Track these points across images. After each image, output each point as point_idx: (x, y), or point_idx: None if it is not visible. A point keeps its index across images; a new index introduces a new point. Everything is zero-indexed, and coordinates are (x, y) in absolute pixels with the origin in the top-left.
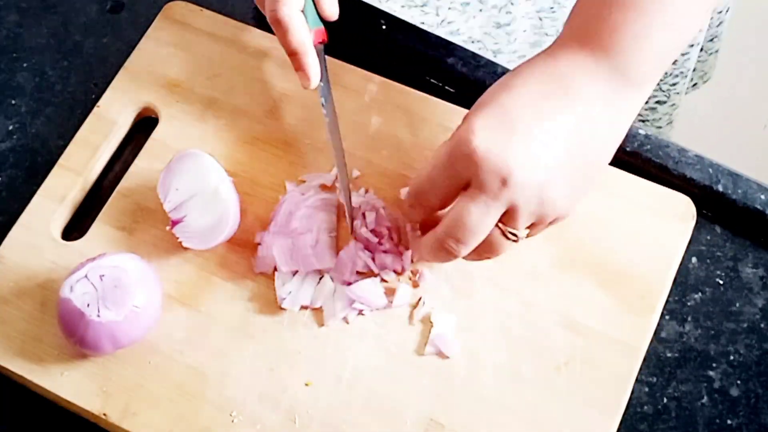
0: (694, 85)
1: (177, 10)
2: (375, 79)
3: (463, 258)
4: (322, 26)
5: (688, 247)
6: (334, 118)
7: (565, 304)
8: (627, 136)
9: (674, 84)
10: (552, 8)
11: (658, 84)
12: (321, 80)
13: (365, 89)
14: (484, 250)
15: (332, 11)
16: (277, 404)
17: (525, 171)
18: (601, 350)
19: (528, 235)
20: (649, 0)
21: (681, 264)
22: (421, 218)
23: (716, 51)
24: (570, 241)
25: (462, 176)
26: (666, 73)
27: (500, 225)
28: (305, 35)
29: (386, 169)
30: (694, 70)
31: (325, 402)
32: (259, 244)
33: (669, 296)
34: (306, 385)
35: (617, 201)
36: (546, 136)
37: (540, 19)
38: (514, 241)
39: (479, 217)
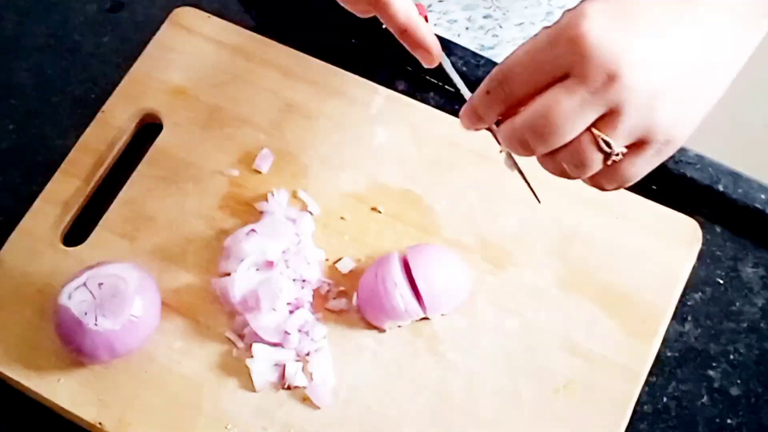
0: None
1: (184, 16)
2: (381, 92)
3: (545, 168)
4: (420, 1)
5: None
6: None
7: (566, 326)
8: None
9: None
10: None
11: None
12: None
13: (371, 101)
14: (568, 158)
15: None
16: (272, 419)
17: (638, 72)
18: (601, 374)
19: (623, 159)
20: None
21: None
22: (496, 113)
23: None
24: (573, 262)
25: (561, 63)
26: None
27: (594, 130)
28: (412, 7)
29: (389, 182)
30: None
31: (320, 418)
32: None
33: None
34: (302, 400)
35: (622, 222)
36: (668, 42)
37: None
38: (605, 154)
39: (570, 112)
